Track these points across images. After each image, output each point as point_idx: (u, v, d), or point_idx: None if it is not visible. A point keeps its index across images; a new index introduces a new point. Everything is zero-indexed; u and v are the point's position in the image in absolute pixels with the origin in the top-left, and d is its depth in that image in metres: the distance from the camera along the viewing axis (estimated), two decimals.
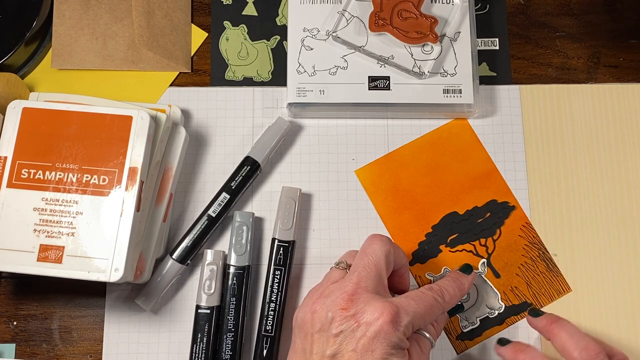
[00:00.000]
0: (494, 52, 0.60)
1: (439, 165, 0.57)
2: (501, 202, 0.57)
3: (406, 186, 0.57)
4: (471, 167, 0.57)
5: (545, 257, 0.55)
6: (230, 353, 0.51)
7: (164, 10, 0.59)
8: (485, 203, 0.57)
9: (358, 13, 0.58)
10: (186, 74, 0.59)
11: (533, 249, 0.56)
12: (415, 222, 0.56)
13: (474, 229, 0.56)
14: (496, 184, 0.57)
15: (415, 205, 0.57)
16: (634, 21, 0.62)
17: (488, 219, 0.56)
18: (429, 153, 0.57)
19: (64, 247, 0.48)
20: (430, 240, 0.56)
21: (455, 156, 0.57)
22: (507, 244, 0.56)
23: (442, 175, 0.57)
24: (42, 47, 0.59)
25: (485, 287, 0.55)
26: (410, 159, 0.57)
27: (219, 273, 0.52)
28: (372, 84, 0.56)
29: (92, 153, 0.50)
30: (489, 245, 0.56)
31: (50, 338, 0.54)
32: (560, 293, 0.55)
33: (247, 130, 0.58)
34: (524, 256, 0.56)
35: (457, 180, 0.57)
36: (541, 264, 0.55)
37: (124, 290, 0.54)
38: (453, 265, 0.55)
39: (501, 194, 0.57)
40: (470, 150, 0.58)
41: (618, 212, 0.57)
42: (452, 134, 0.58)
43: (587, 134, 0.58)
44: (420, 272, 0.55)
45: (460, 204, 0.57)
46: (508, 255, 0.56)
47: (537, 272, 0.55)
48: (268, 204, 0.56)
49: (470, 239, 0.56)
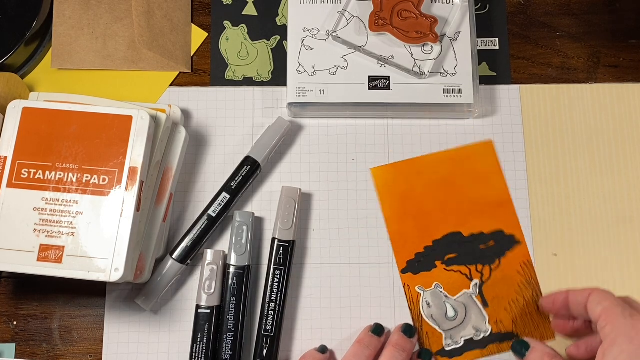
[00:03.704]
0: (494, 52, 0.60)
1: (455, 182, 0.57)
2: (508, 235, 0.56)
3: (418, 195, 0.56)
4: (486, 193, 0.57)
5: (538, 299, 0.54)
6: (230, 353, 0.51)
7: (164, 10, 0.59)
8: (492, 231, 0.56)
9: (358, 13, 0.58)
10: (186, 74, 0.59)
11: (527, 289, 0.55)
12: (417, 232, 0.56)
13: (474, 253, 0.55)
14: (507, 215, 0.56)
15: (422, 216, 0.56)
16: (634, 21, 0.62)
17: (490, 247, 0.55)
18: (449, 169, 0.57)
19: (64, 247, 0.48)
20: (428, 253, 0.55)
21: (473, 178, 0.57)
22: (503, 276, 0.55)
23: (455, 193, 0.56)
24: (42, 47, 0.59)
25: (474, 308, 0.54)
26: (429, 170, 0.57)
27: (219, 273, 0.52)
28: (372, 84, 0.56)
29: (92, 153, 0.50)
30: (485, 273, 0.55)
31: (50, 338, 0.54)
32: (544, 339, 0.54)
33: (247, 130, 0.58)
34: (517, 293, 0.55)
35: (470, 202, 0.56)
36: (532, 305, 0.54)
37: (124, 290, 0.54)
38: (444, 283, 0.55)
39: (510, 226, 0.56)
40: (489, 176, 0.57)
41: (618, 212, 0.57)
42: (476, 155, 0.57)
43: (587, 134, 0.58)
44: (410, 281, 0.55)
45: (467, 226, 0.56)
46: (501, 288, 0.55)
47: (526, 312, 0.54)
48: (268, 203, 0.56)
49: (467, 262, 0.55)
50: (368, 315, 0.54)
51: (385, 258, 0.55)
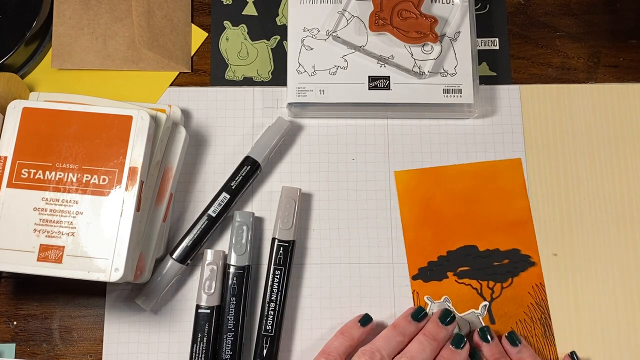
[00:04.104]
0: (494, 52, 0.60)
1: (477, 196, 0.56)
2: (523, 254, 0.55)
3: (438, 204, 0.56)
4: (508, 211, 0.56)
5: (546, 322, 0.54)
6: (230, 353, 0.51)
7: (164, 10, 0.59)
8: (508, 249, 0.55)
9: (358, 13, 0.58)
10: (186, 73, 0.59)
11: (537, 310, 0.54)
12: (433, 241, 0.56)
13: (487, 269, 0.55)
14: (525, 236, 0.56)
15: (439, 225, 0.56)
16: (634, 21, 0.62)
17: (505, 265, 0.55)
18: (473, 181, 0.57)
19: (64, 247, 0.48)
20: (441, 263, 0.55)
21: (496, 194, 0.56)
22: (513, 295, 0.55)
23: (476, 207, 0.56)
24: (42, 47, 0.59)
25: (478, 327, 0.54)
26: (452, 180, 0.57)
27: (219, 273, 0.52)
28: (372, 84, 0.56)
29: (92, 153, 0.50)
30: (496, 290, 0.55)
31: (50, 338, 0.54)
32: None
33: (247, 130, 0.58)
34: (526, 314, 0.54)
35: (489, 217, 0.56)
36: (539, 328, 0.54)
37: (124, 290, 0.54)
38: (453, 295, 0.54)
39: (527, 246, 0.56)
40: (513, 194, 0.56)
41: (618, 212, 0.57)
42: (503, 171, 0.57)
43: (587, 134, 0.58)
44: (420, 289, 0.55)
45: (483, 241, 0.56)
46: (510, 307, 0.54)
47: (532, 333, 0.54)
48: (268, 203, 0.56)
49: (479, 277, 0.55)
50: None
51: (385, 258, 0.55)
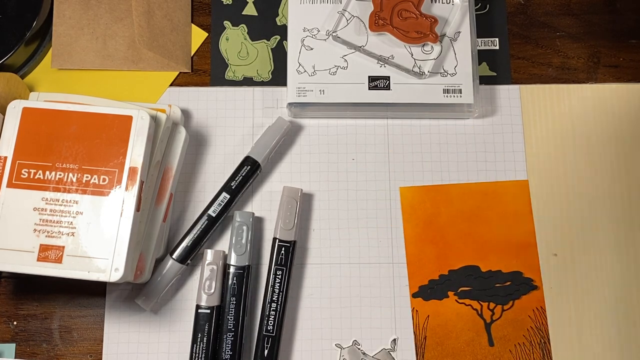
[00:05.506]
0: (494, 52, 0.60)
1: (482, 216, 0.56)
2: (526, 277, 0.55)
3: (442, 222, 0.56)
4: (512, 232, 0.56)
5: (545, 347, 0.54)
6: (230, 353, 0.51)
7: (164, 10, 0.59)
8: (510, 271, 0.55)
9: (358, 13, 0.58)
10: (186, 74, 0.59)
11: (536, 335, 0.54)
12: (435, 259, 0.55)
13: (488, 290, 0.55)
14: (528, 259, 0.55)
15: (442, 244, 0.56)
16: (634, 21, 0.62)
17: (506, 287, 0.55)
18: (478, 201, 0.57)
19: (64, 247, 0.48)
20: (442, 282, 0.55)
21: (501, 215, 0.56)
22: (513, 318, 0.54)
23: (480, 227, 0.56)
24: (42, 47, 0.59)
25: None
26: (457, 199, 0.57)
27: (219, 273, 0.52)
28: (372, 84, 0.56)
29: (92, 153, 0.50)
30: (497, 312, 0.55)
31: (50, 338, 0.54)
32: None
33: (247, 130, 0.58)
34: (525, 337, 0.54)
35: (493, 238, 0.56)
36: (538, 352, 0.54)
37: (124, 290, 0.54)
38: (453, 315, 0.54)
39: (529, 269, 0.55)
40: (519, 216, 0.56)
41: (618, 212, 0.57)
42: (509, 192, 0.57)
43: (587, 134, 0.58)
44: (420, 307, 0.54)
45: (486, 262, 0.55)
46: (510, 330, 0.54)
47: (531, 357, 0.54)
48: (268, 204, 0.56)
49: (480, 298, 0.55)
50: (368, 315, 0.54)
51: (385, 258, 0.55)
